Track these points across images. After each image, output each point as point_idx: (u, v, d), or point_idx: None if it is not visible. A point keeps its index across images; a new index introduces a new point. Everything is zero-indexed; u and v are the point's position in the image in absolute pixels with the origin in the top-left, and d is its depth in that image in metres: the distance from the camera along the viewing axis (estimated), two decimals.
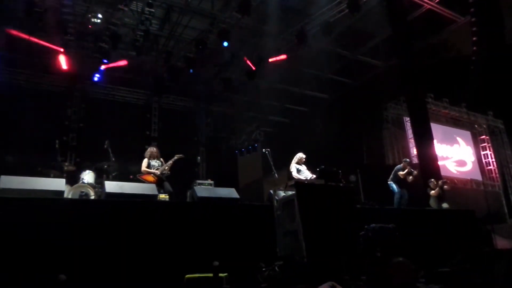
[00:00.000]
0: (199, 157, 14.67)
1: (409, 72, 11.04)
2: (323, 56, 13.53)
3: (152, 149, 8.08)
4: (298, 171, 8.26)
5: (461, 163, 16.38)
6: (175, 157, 7.92)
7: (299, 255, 4.80)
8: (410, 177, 9.66)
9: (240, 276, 4.62)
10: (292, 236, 5.17)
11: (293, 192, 5.39)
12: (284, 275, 4.39)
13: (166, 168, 7.80)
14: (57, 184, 5.52)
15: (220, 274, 4.27)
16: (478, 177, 16.68)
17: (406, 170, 9.69)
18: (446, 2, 12.23)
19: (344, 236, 5.13)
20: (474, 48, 10.26)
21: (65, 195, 6.10)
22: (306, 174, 8.23)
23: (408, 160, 10.25)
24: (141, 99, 14.37)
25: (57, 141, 8.88)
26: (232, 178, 13.53)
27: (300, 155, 8.44)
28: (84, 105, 12.88)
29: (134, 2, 10.51)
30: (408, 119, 13.43)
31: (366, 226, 5.12)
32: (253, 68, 12.48)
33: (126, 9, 10.19)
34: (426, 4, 12.03)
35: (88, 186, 7.84)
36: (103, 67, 11.62)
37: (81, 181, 8.05)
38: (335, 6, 11.12)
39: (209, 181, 9.83)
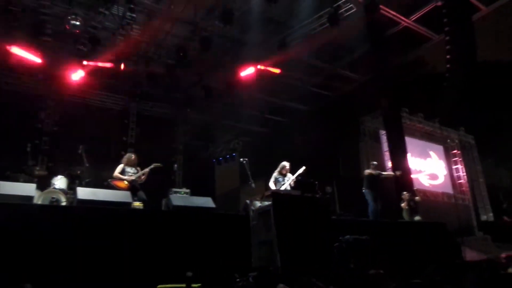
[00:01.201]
0: (175, 165, 14.51)
1: (386, 87, 11.32)
2: (303, 68, 13.72)
3: (130, 156, 7.91)
4: (276, 181, 8.28)
5: (434, 176, 16.80)
6: (152, 166, 7.77)
7: (273, 266, 4.79)
8: (384, 174, 9.78)
9: (213, 286, 4.56)
10: (267, 246, 5.16)
11: (270, 202, 5.40)
12: (258, 286, 4.36)
13: (143, 177, 7.64)
14: (27, 189, 5.36)
15: (193, 285, 4.21)
16: (450, 190, 17.15)
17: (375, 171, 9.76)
18: (422, 20, 12.67)
19: (319, 247, 5.16)
20: (448, 65, 10.60)
21: (35, 201, 5.91)
22: (285, 185, 8.25)
23: (375, 162, 10.27)
24: (118, 104, 14.14)
25: (28, 145, 8.60)
26: (209, 187, 13.46)
27: (283, 164, 8.44)
28: (59, 108, 12.55)
29: (116, 6, 10.40)
30: (384, 132, 13.72)
31: (340, 238, 5.17)
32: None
33: (107, 12, 10.07)
34: (402, 22, 12.42)
35: (60, 191, 7.62)
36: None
37: (52, 187, 7.80)
38: (316, 19, 11.34)
39: (185, 190, 9.72)
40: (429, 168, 16.70)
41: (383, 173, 9.81)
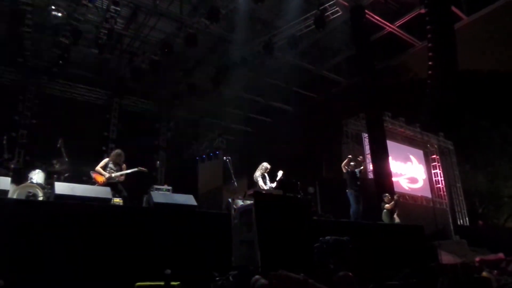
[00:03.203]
0: (158, 162, 14.34)
1: (369, 90, 11.46)
2: (289, 68, 13.77)
3: (118, 153, 7.61)
4: (264, 181, 8.29)
5: (413, 180, 17.12)
6: (136, 169, 7.58)
7: (253, 265, 4.78)
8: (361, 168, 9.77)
9: (192, 285, 4.52)
10: (248, 245, 5.14)
11: (252, 201, 5.39)
12: (238, 285, 4.35)
13: (122, 177, 7.44)
14: (2, 182, 5.18)
15: (172, 283, 4.17)
16: (428, 194, 17.50)
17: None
18: (406, 26, 12.90)
19: (300, 248, 5.17)
20: (430, 72, 10.80)
21: (10, 195, 5.74)
22: (268, 184, 8.28)
23: (350, 156, 10.15)
24: (100, 99, 13.90)
25: (4, 137, 8.35)
26: (191, 184, 13.35)
27: (266, 165, 8.47)
28: (38, 100, 12.22)
29: None
30: (366, 135, 13.89)
31: (321, 238, 5.20)
32: None
33: (90, 5, 9.87)
34: (387, 27, 12.61)
35: (37, 186, 7.41)
36: None
37: (29, 181, 7.59)
38: (302, 21, 11.40)
39: (167, 187, 9.61)
40: (409, 171, 17.01)
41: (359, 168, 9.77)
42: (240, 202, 6.14)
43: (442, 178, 18.20)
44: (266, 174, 8.44)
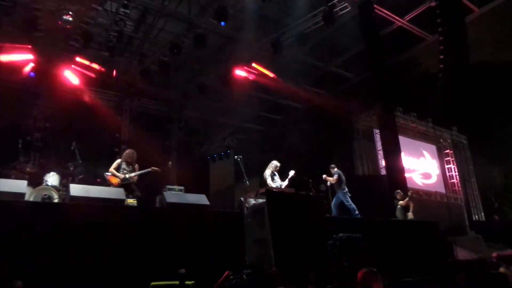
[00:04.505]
0: (170, 162, 14.44)
1: (380, 86, 11.36)
2: (298, 66, 13.73)
3: (131, 152, 7.68)
4: (273, 179, 8.30)
5: (427, 175, 16.90)
6: (149, 169, 7.64)
7: (267, 263, 4.79)
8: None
9: (207, 284, 4.55)
10: (261, 244, 5.15)
11: (264, 200, 5.39)
12: (252, 283, 4.36)
13: (135, 177, 7.50)
14: (18, 185, 5.29)
15: (187, 282, 4.20)
16: (442, 189, 17.26)
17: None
18: (416, 20, 12.74)
19: (313, 245, 5.17)
20: (441, 65, 10.65)
21: (27, 198, 5.85)
22: (279, 182, 8.29)
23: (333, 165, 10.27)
24: (112, 101, 14.03)
25: (20, 141, 8.50)
26: (203, 184, 13.43)
27: (276, 163, 8.50)
28: (51, 104, 12.40)
29: (109, 2, 10.31)
30: (377, 131, 13.76)
31: (334, 236, 5.18)
32: None
33: (100, 8, 9.98)
34: (397, 22, 12.47)
35: (52, 188, 7.53)
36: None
37: (44, 183, 7.72)
38: (311, 18, 11.34)
39: (179, 187, 9.67)
40: (422, 167, 16.80)
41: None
42: (252, 201, 6.15)
43: (456, 173, 17.93)
44: (275, 172, 8.46)
